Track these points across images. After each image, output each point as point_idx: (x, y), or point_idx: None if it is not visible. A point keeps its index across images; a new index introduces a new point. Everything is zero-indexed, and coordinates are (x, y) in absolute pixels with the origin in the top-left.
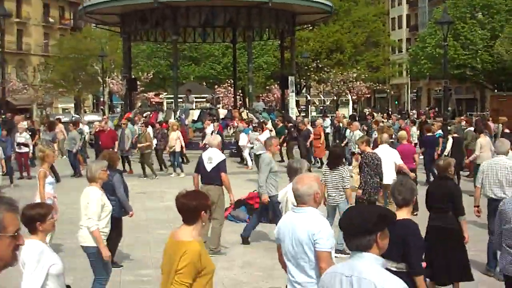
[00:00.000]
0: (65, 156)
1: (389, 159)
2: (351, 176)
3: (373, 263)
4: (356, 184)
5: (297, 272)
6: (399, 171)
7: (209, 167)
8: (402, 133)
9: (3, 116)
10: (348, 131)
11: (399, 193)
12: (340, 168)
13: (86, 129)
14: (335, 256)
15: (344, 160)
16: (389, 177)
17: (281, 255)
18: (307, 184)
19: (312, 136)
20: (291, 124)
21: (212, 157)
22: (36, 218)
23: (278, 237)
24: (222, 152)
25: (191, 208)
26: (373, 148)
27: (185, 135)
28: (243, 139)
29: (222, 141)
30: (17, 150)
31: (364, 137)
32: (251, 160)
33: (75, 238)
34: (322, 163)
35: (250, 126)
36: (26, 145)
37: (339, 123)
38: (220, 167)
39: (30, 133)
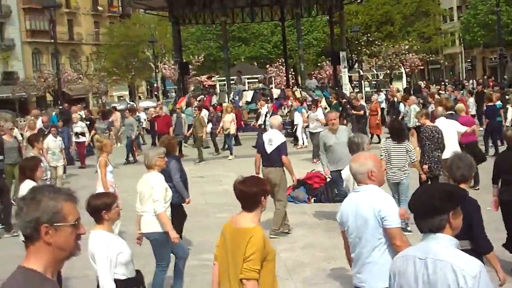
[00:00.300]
0: (122, 144)
1: (449, 132)
2: None
3: (448, 244)
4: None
5: (362, 251)
6: (461, 143)
7: (269, 149)
8: (460, 105)
9: (60, 107)
10: (402, 105)
11: (458, 169)
12: (405, 142)
13: (143, 115)
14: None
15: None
16: (450, 150)
17: (346, 242)
18: (359, 162)
19: (366, 111)
20: (345, 100)
21: (273, 138)
22: (102, 207)
23: (341, 220)
24: None
25: (251, 195)
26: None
27: (240, 117)
28: (297, 118)
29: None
30: (74, 140)
31: (423, 110)
32: (307, 138)
33: (127, 225)
34: (380, 139)
35: (304, 105)
36: (83, 134)
37: (393, 98)
38: (281, 149)
39: (88, 122)
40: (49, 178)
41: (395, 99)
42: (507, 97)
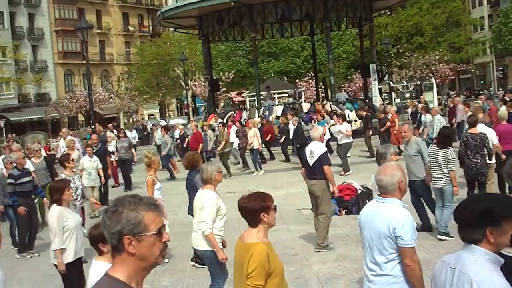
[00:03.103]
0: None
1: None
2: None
3: (481, 258)
4: None
5: (372, 263)
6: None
7: (311, 161)
8: (503, 112)
9: (92, 127)
10: (423, 116)
11: (509, 177)
12: (448, 149)
13: (177, 133)
14: (439, 239)
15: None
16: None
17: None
18: (390, 174)
19: (388, 123)
20: (368, 114)
21: (314, 150)
22: (99, 239)
23: (360, 225)
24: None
25: (250, 211)
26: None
27: (272, 132)
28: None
29: (303, 135)
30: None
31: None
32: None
33: (178, 240)
34: (400, 150)
35: (326, 118)
36: (114, 153)
37: (414, 108)
38: (322, 159)
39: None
40: (79, 198)
41: (417, 109)
42: None
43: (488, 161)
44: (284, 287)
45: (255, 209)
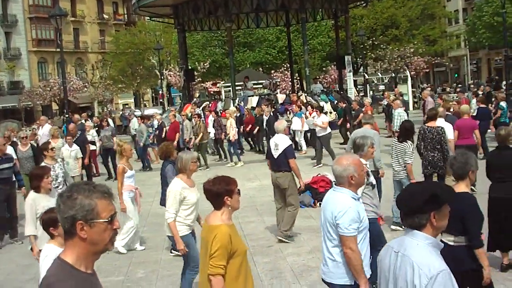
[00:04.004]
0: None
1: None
2: None
3: (422, 242)
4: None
5: (324, 248)
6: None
7: (275, 153)
8: (464, 106)
9: (67, 116)
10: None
11: (451, 167)
12: (406, 142)
13: (156, 123)
14: (391, 228)
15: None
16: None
17: None
18: (342, 166)
19: (361, 115)
20: (345, 105)
21: (278, 143)
22: (49, 223)
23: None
24: None
25: (213, 193)
26: None
27: (252, 122)
28: (295, 124)
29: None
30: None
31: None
32: (306, 144)
33: (153, 231)
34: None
35: (303, 110)
36: (93, 143)
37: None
38: (287, 153)
39: (96, 128)
40: (61, 186)
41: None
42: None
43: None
44: (246, 268)
45: (219, 192)
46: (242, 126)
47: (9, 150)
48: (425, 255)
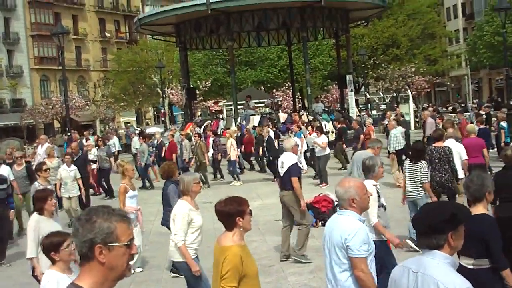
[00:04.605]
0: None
1: (456, 154)
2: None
3: (441, 261)
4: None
5: (329, 274)
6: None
7: (282, 171)
8: (470, 126)
9: (68, 134)
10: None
11: (467, 189)
12: (420, 162)
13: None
14: (410, 249)
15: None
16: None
17: None
18: (344, 188)
19: (362, 136)
20: (343, 126)
21: (284, 161)
22: (50, 248)
23: (323, 238)
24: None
25: (225, 214)
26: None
27: (253, 142)
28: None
29: (274, 147)
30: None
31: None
32: (306, 164)
33: (154, 250)
34: None
35: (303, 129)
36: (95, 162)
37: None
38: (291, 171)
39: (97, 147)
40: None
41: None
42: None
43: (458, 176)
44: None
45: (231, 213)
46: (242, 146)
47: (5, 170)
48: (448, 273)
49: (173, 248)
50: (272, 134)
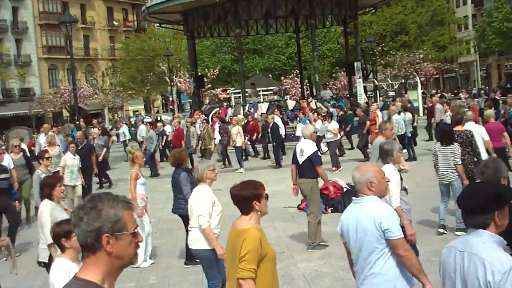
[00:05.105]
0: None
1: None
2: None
3: (487, 240)
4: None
5: (362, 264)
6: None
7: (301, 159)
8: (489, 111)
9: (77, 122)
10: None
11: (482, 174)
12: (452, 144)
13: (168, 128)
14: (456, 234)
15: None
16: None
17: (348, 253)
18: (361, 172)
19: (367, 123)
20: (350, 112)
21: (304, 149)
22: (62, 235)
23: (342, 232)
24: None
25: (241, 198)
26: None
27: (257, 129)
28: (299, 130)
29: (279, 133)
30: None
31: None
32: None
33: (164, 237)
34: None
35: (309, 115)
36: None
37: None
38: (313, 159)
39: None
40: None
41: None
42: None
43: (481, 158)
44: (275, 275)
45: (247, 196)
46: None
47: (7, 159)
48: (495, 252)
49: (193, 235)
50: (278, 120)
